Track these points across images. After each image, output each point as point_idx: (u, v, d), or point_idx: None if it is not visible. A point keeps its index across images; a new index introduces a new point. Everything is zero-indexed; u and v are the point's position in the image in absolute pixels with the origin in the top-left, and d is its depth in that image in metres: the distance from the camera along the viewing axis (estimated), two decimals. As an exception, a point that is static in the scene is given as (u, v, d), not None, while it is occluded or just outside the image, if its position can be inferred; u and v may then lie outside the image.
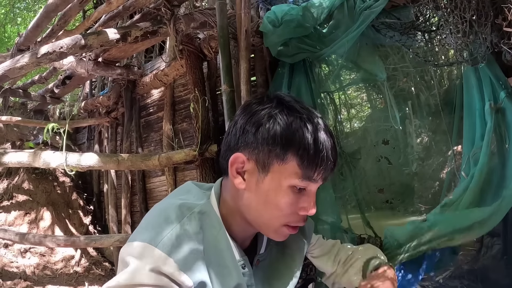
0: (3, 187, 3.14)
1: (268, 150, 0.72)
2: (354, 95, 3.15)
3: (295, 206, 0.74)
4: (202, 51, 2.65)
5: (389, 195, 1.93)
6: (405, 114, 2.02)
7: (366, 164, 2.05)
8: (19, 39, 2.18)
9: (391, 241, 1.38)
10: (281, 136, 0.71)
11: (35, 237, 2.30)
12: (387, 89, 1.74)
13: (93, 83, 4.52)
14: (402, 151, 2.00)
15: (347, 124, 2.61)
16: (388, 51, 1.97)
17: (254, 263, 0.84)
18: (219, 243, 0.75)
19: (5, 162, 1.93)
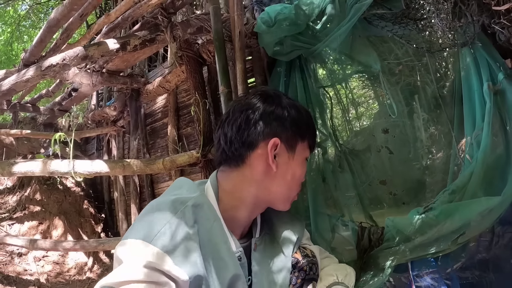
0: (16, 199, 3.24)
1: (293, 133, 0.90)
2: (361, 93, 3.15)
3: (302, 175, 0.95)
4: (201, 55, 2.70)
5: (392, 187, 1.93)
6: (412, 109, 2.02)
7: (366, 155, 2.06)
8: (25, 55, 2.26)
9: (393, 231, 1.34)
10: (302, 121, 0.93)
11: (46, 242, 2.37)
12: (382, 79, 1.76)
13: (100, 95, 4.64)
14: (412, 146, 2.00)
15: (356, 123, 2.61)
16: (391, 46, 1.99)
17: (252, 247, 0.89)
18: (214, 236, 0.77)
19: (15, 172, 2.01)
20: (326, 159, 2.05)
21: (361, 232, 1.55)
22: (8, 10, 6.58)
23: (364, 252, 1.46)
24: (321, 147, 2.07)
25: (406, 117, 2.04)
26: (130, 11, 2.28)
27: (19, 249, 2.76)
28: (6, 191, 3.40)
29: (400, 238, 1.27)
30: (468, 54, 1.38)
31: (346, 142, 2.41)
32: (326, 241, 1.52)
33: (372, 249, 1.41)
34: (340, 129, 2.53)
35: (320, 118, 2.20)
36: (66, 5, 1.97)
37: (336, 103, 2.39)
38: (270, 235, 0.96)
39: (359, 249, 1.48)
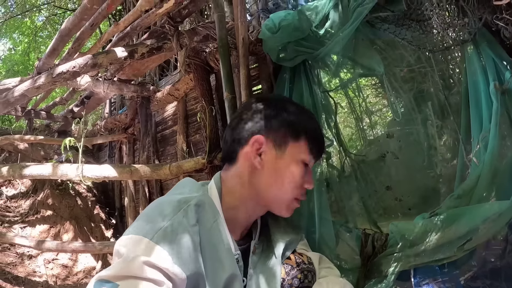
0: (29, 203, 3.33)
1: (284, 132, 0.91)
2: (375, 101, 3.12)
3: (303, 178, 0.92)
4: (209, 63, 2.74)
5: (398, 192, 1.89)
6: (426, 116, 1.99)
7: (371, 161, 2.04)
8: (39, 63, 2.34)
9: (397, 237, 1.31)
10: (298, 123, 0.93)
11: (53, 243, 2.42)
12: (386, 83, 1.75)
13: (113, 103, 4.74)
14: (426, 154, 1.96)
15: (370, 131, 2.59)
16: (403, 54, 1.98)
17: (251, 249, 0.89)
18: (213, 236, 0.78)
19: (26, 175, 2.07)
20: (330, 164, 2.03)
21: (364, 238, 1.52)
22: (26, 21, 6.85)
23: (368, 259, 1.43)
24: (325, 152, 2.06)
25: (419, 124, 2.01)
26: (139, 21, 2.34)
27: (29, 251, 2.83)
28: (20, 195, 3.50)
29: (404, 243, 1.23)
30: (474, 53, 1.34)
31: (351, 147, 2.39)
32: (330, 248, 1.50)
33: (376, 256, 1.38)
34: (345, 134, 2.51)
35: (326, 123, 2.20)
36: (76, 15, 2.03)
37: (350, 112, 2.38)
38: (267, 240, 0.95)
39: (363, 256, 1.46)
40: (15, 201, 3.38)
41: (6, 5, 5.89)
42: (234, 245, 0.85)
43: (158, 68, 4.10)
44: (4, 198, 3.36)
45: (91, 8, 1.94)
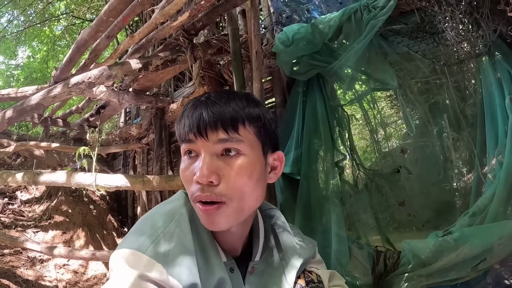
0: (43, 208, 3.39)
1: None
2: (390, 113, 3.08)
3: (190, 174, 0.76)
4: (223, 76, 2.77)
5: (411, 208, 1.84)
6: (441, 128, 1.95)
7: (385, 174, 2.00)
8: (56, 73, 2.40)
9: (409, 255, 1.28)
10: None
11: (62, 249, 2.45)
12: (399, 97, 1.72)
13: (128, 113, 4.82)
14: (442, 167, 1.92)
15: (385, 144, 2.55)
16: (419, 65, 1.96)
17: (249, 270, 0.83)
18: (204, 244, 0.76)
19: (40, 181, 2.11)
20: (343, 179, 2.00)
21: (376, 256, 1.48)
22: (44, 30, 7.08)
23: (379, 278, 1.39)
24: (338, 167, 2.03)
25: (435, 137, 1.97)
26: (154, 33, 2.37)
27: (40, 256, 2.87)
28: (34, 200, 3.57)
29: (416, 262, 1.20)
30: (489, 65, 1.32)
31: (365, 159, 2.35)
32: (342, 264, 1.47)
33: (388, 274, 1.34)
34: (360, 146, 2.46)
35: (339, 137, 2.17)
36: (92, 27, 2.08)
37: (364, 124, 2.35)
38: (274, 258, 0.88)
39: (375, 274, 1.42)
40: (29, 206, 3.46)
41: (26, 14, 6.12)
42: (227, 255, 0.81)
43: (174, 80, 4.15)
44: (18, 203, 3.44)
45: (106, 20, 1.99)
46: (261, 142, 0.76)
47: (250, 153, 0.73)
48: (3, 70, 8.28)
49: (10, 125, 2.26)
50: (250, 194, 0.73)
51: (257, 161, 0.74)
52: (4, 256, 2.71)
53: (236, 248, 0.85)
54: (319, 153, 2.05)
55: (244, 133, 0.72)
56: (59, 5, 6.54)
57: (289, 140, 2.16)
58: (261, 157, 0.76)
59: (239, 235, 0.83)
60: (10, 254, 2.76)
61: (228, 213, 0.72)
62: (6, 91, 2.73)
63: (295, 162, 2.04)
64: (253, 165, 0.73)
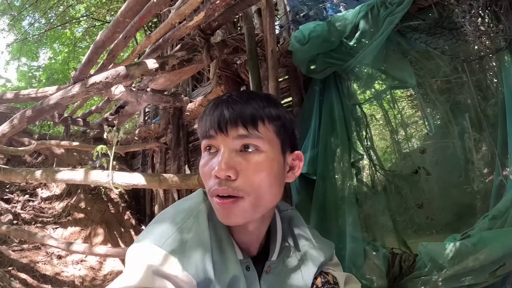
0: (62, 205, 3.49)
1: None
2: (411, 113, 3.01)
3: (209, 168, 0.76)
4: (239, 75, 2.76)
5: (430, 211, 1.78)
6: (463, 128, 1.89)
7: (404, 176, 1.94)
8: (75, 73, 2.45)
9: (425, 258, 1.24)
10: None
11: (80, 246, 2.50)
12: (418, 95, 1.66)
13: (148, 113, 4.89)
14: (463, 168, 1.85)
15: (406, 144, 2.49)
16: (439, 63, 1.90)
17: (265, 269, 0.83)
18: (221, 241, 0.76)
19: (58, 179, 2.16)
20: (360, 180, 1.96)
21: (392, 258, 1.44)
22: (65, 32, 7.29)
23: (394, 281, 1.35)
24: (355, 167, 1.99)
25: (456, 137, 1.91)
26: (170, 33, 2.39)
27: (58, 251, 2.94)
28: (54, 198, 3.68)
29: (432, 266, 1.16)
30: (510, 64, 1.25)
31: (385, 160, 2.30)
32: (357, 267, 1.44)
33: (403, 277, 1.30)
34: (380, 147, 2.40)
35: (357, 136, 2.13)
36: (110, 28, 2.12)
37: (385, 124, 2.30)
38: (291, 259, 0.87)
39: (389, 277, 1.38)
40: (49, 203, 3.56)
41: (46, 16, 6.31)
42: (243, 253, 0.81)
43: (192, 80, 4.18)
44: (39, 200, 3.55)
45: (123, 21, 2.01)
46: (280, 140, 0.76)
47: (269, 150, 0.73)
48: (25, 72, 8.58)
49: (30, 124, 2.33)
50: (267, 190, 0.73)
51: (275, 159, 0.74)
52: (23, 251, 2.81)
53: (253, 247, 0.84)
54: (336, 153, 2.01)
55: (264, 131, 0.73)
56: (79, 8, 6.72)
57: (306, 139, 2.13)
58: (280, 155, 0.76)
59: (256, 234, 0.83)
60: (29, 250, 2.86)
61: (245, 208, 0.71)
62: (27, 91, 2.82)
63: (311, 162, 2.01)
64: (271, 162, 0.73)
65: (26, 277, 2.58)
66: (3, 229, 2.61)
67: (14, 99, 3.18)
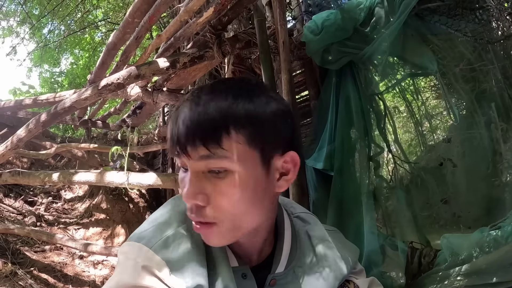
0: (85, 206, 3.57)
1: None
2: (435, 104, 2.89)
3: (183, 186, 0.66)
4: (254, 70, 2.71)
5: (456, 207, 1.66)
6: (489, 118, 1.77)
7: (430, 169, 1.83)
8: (91, 76, 2.47)
9: (446, 252, 1.14)
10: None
11: (97, 246, 2.54)
12: (441, 82, 1.55)
13: (167, 112, 4.93)
14: (491, 160, 1.74)
15: (431, 136, 2.39)
16: (462, 51, 1.79)
17: (268, 282, 0.73)
18: (213, 248, 0.70)
19: (75, 181, 2.19)
20: (379, 175, 1.87)
21: (411, 254, 1.35)
22: (85, 37, 7.48)
23: (412, 278, 1.26)
24: (373, 161, 1.90)
25: (483, 128, 1.78)
26: (181, 31, 2.36)
27: (80, 252, 3.01)
28: (77, 199, 3.77)
29: (454, 260, 1.05)
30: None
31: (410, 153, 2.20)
32: (376, 265, 1.37)
33: (421, 274, 1.21)
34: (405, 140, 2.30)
35: (377, 128, 2.04)
36: (120, 29, 2.11)
37: (409, 116, 2.21)
38: (305, 269, 0.76)
39: (408, 274, 1.29)
40: (72, 204, 3.66)
41: (65, 23, 6.49)
42: (239, 259, 0.74)
43: (209, 78, 4.17)
44: (62, 201, 3.65)
45: (132, 22, 1.99)
46: (258, 149, 0.61)
47: (240, 169, 0.59)
48: (48, 78, 8.88)
49: (45, 128, 2.37)
50: (244, 215, 0.63)
51: (252, 176, 0.61)
52: (45, 252, 2.89)
53: (253, 256, 0.75)
54: (354, 147, 1.93)
55: (229, 144, 0.58)
56: (97, 13, 6.87)
57: (323, 134, 2.06)
58: (260, 167, 0.62)
59: (250, 245, 0.73)
60: (50, 250, 2.94)
61: (222, 233, 0.63)
62: (45, 96, 2.88)
63: (328, 157, 1.94)
64: (244, 183, 0.60)
65: (47, 277, 2.65)
66: (23, 231, 2.69)
67: (33, 105, 3.27)
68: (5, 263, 2.55)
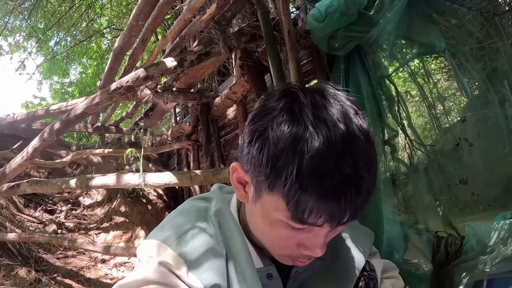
0: (104, 211, 3.63)
1: (258, 172, 0.55)
2: (446, 85, 2.85)
3: (292, 241, 0.60)
4: (261, 63, 2.70)
5: (475, 186, 1.62)
6: (503, 96, 1.73)
7: (446, 151, 1.79)
8: (100, 82, 2.51)
9: (473, 241, 1.10)
10: (268, 158, 0.52)
11: (118, 248, 2.58)
12: (449, 59, 1.51)
13: (179, 113, 4.96)
14: (507, 139, 1.69)
15: (445, 119, 2.36)
16: (470, 30, 1.75)
17: (292, 275, 0.75)
18: (234, 247, 0.70)
19: (92, 185, 2.23)
20: (396, 158, 1.84)
21: (437, 243, 1.32)
22: (92, 46, 7.59)
23: (440, 267, 1.23)
24: (389, 145, 1.88)
25: (497, 106, 1.74)
26: (186, 30, 2.37)
27: (102, 255, 3.07)
28: (96, 204, 3.84)
29: (481, 249, 1.02)
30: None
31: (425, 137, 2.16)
32: (398, 252, 1.34)
33: (449, 263, 1.19)
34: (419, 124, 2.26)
35: (390, 112, 2.01)
36: (125, 33, 2.13)
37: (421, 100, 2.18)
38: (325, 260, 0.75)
39: (435, 263, 1.26)
40: (91, 210, 3.73)
41: (71, 34, 6.59)
42: (264, 259, 0.73)
43: (218, 74, 4.17)
44: (81, 208, 3.73)
45: (136, 25, 2.01)
46: None
47: None
48: (58, 89, 9.06)
49: (59, 136, 2.41)
50: None
51: None
52: (67, 258, 2.96)
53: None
54: (368, 131, 1.90)
55: None
56: (101, 21, 6.94)
57: (335, 121, 2.04)
58: None
59: None
60: (73, 256, 3.01)
61: None
62: (56, 106, 2.94)
63: (343, 146, 1.91)
64: None
65: (71, 282, 2.72)
66: (45, 238, 2.77)
67: (46, 115, 3.35)
68: (29, 271, 2.64)
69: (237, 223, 0.72)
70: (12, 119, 3.81)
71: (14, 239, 2.86)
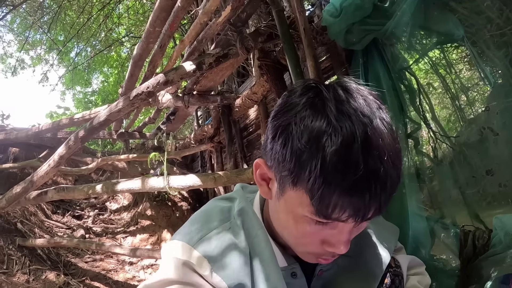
0: (130, 215, 3.73)
1: (281, 168, 0.55)
2: (469, 75, 2.78)
3: (316, 237, 0.60)
4: (279, 62, 2.70)
5: (502, 177, 1.55)
6: None
7: (471, 143, 1.73)
8: (122, 90, 2.58)
9: (501, 234, 1.07)
10: (292, 153, 0.52)
11: (143, 251, 2.64)
12: (469, 46, 1.46)
13: (201, 116, 5.03)
14: None
15: (469, 110, 2.29)
16: (490, 16, 1.69)
17: (316, 273, 0.75)
18: (257, 245, 0.70)
19: (117, 190, 2.29)
20: (420, 151, 1.80)
21: (464, 237, 1.28)
22: (112, 55, 7.81)
23: (468, 262, 1.19)
24: (412, 138, 1.84)
25: None
26: (203, 33, 2.40)
27: (130, 258, 3.15)
28: (122, 209, 3.94)
29: (508, 242, 0.98)
30: None
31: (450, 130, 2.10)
32: (425, 248, 1.31)
33: (477, 257, 1.15)
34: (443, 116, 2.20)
35: (411, 104, 1.97)
36: (143, 40, 2.18)
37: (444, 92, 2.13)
38: (349, 257, 0.74)
39: (462, 258, 1.22)
40: (118, 214, 3.84)
41: (90, 44, 6.80)
42: (288, 258, 0.73)
43: (238, 76, 4.20)
44: (108, 212, 3.84)
45: (154, 31, 2.05)
46: None
47: None
48: (81, 98, 9.36)
49: (84, 143, 2.50)
50: None
51: None
52: (95, 261, 3.05)
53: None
54: (389, 125, 1.86)
55: None
56: (119, 30, 7.12)
57: (356, 117, 2.01)
58: None
59: None
60: (101, 259, 3.10)
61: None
62: (80, 114, 3.04)
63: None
64: None
65: (99, 284, 2.81)
66: (73, 243, 2.87)
67: (70, 124, 3.46)
68: (58, 275, 2.75)
69: (261, 222, 0.73)
70: (38, 129, 3.95)
71: (43, 244, 2.97)
